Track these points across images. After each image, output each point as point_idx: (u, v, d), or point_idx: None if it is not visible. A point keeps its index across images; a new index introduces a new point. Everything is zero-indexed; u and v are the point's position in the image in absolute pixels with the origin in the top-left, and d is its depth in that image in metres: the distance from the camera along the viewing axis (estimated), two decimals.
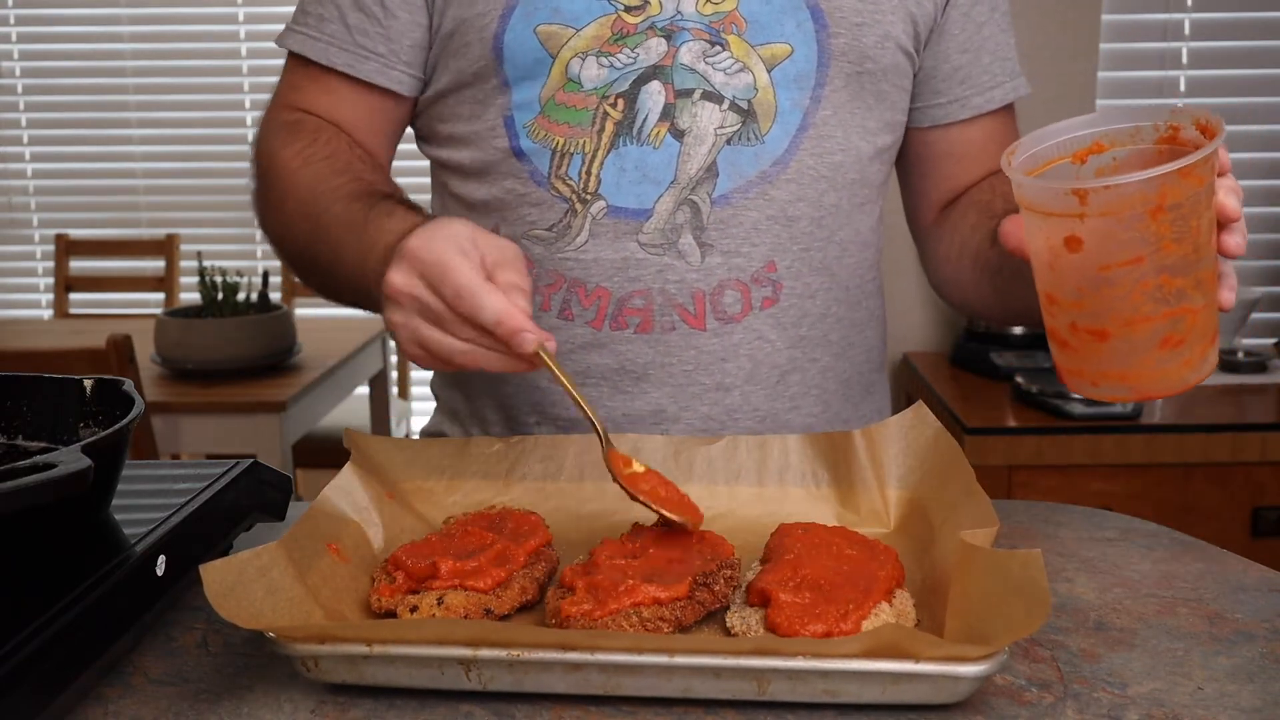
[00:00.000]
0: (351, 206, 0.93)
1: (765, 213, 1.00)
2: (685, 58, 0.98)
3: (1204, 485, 2.26)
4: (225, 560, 0.65)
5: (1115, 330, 0.73)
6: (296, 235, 0.99)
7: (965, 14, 1.06)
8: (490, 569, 0.75)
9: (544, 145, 0.99)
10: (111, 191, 3.48)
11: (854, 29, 0.99)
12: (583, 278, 1.00)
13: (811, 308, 1.04)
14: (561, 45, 0.97)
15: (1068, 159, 0.78)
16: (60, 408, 0.82)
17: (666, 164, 0.98)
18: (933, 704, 0.64)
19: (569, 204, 0.99)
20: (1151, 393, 0.76)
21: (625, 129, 0.98)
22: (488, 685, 0.64)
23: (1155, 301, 0.72)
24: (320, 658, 0.64)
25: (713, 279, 0.99)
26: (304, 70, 1.06)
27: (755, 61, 0.98)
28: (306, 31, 1.05)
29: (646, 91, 0.98)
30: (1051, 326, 0.78)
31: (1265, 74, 2.84)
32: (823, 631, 0.67)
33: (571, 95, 0.98)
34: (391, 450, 0.92)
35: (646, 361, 1.01)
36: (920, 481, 0.86)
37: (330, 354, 2.68)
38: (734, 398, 1.02)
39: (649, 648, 0.63)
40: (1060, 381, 0.79)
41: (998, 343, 2.60)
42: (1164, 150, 0.76)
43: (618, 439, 0.91)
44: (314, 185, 0.97)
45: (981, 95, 1.09)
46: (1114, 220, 0.70)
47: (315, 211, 0.96)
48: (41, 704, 0.60)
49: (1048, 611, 0.60)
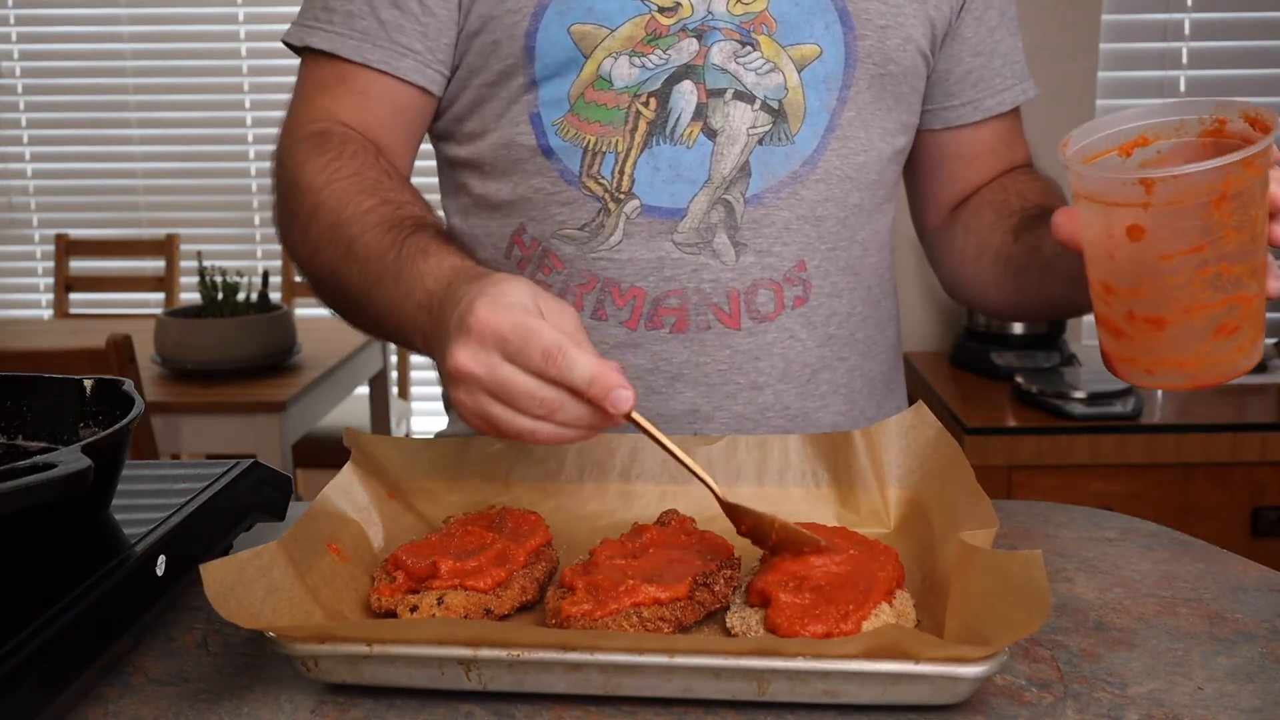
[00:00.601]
0: (383, 239, 0.88)
1: (796, 212, 1.00)
2: (716, 58, 0.98)
3: (1204, 485, 2.26)
4: (225, 560, 0.65)
5: (1174, 318, 0.74)
6: (324, 260, 0.94)
7: (978, 18, 1.07)
8: (490, 569, 0.75)
9: (574, 144, 0.99)
10: (111, 191, 3.48)
11: (879, 31, 1.00)
12: (617, 277, 1.00)
13: (839, 306, 1.04)
14: (595, 45, 0.97)
15: (1114, 151, 0.79)
16: (60, 408, 0.82)
17: (700, 163, 0.98)
18: (933, 704, 0.64)
19: (601, 203, 0.99)
20: (1205, 380, 0.77)
21: (658, 128, 0.98)
22: (488, 685, 0.64)
23: (1214, 289, 0.73)
24: (320, 657, 0.64)
25: (747, 278, 1.00)
26: (331, 69, 1.01)
27: (785, 62, 0.99)
28: (334, 29, 1.00)
29: (679, 91, 0.98)
30: (1106, 315, 0.78)
31: (1265, 74, 2.84)
32: (823, 632, 0.67)
33: (602, 94, 0.98)
34: (391, 450, 0.91)
35: (681, 361, 1.01)
36: (920, 481, 0.87)
37: (330, 354, 2.68)
38: (766, 396, 1.02)
39: (649, 648, 0.63)
40: (1111, 370, 0.79)
41: (998, 343, 2.60)
42: (1208, 143, 0.77)
43: (631, 439, 0.91)
44: (341, 207, 0.92)
45: (993, 98, 1.10)
46: (1178, 209, 0.71)
47: (344, 238, 0.91)
48: (41, 704, 0.60)
49: (1047, 612, 0.60)
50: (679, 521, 0.83)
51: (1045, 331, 2.59)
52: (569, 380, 0.70)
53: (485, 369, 0.71)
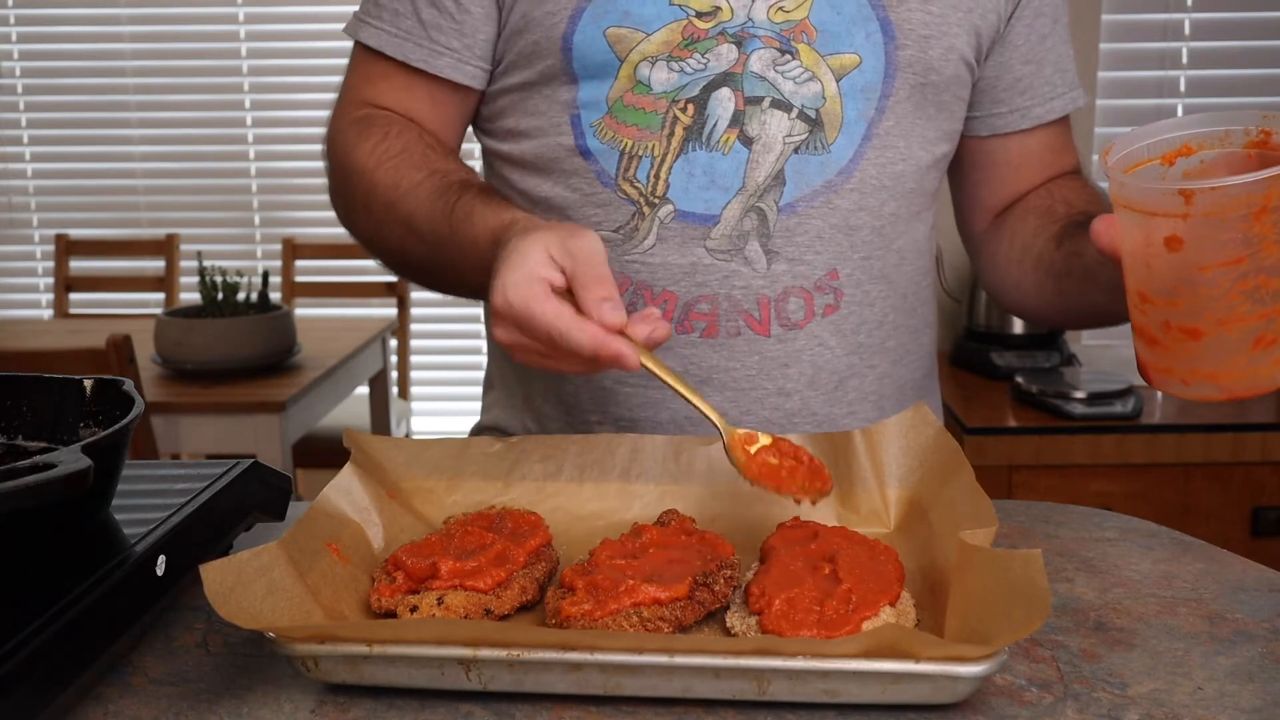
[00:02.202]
0: (435, 208, 0.95)
1: (829, 221, 1.00)
2: (755, 65, 0.98)
3: (1204, 485, 2.26)
4: (225, 560, 0.65)
5: (1209, 329, 0.74)
6: (387, 235, 1.02)
7: (1029, 26, 1.07)
8: (490, 569, 0.75)
9: (612, 146, 0.99)
10: (111, 191, 3.48)
11: (921, 41, 0.99)
12: (649, 280, 1.00)
13: (870, 315, 1.04)
14: (631, 49, 0.97)
15: (1157, 160, 0.79)
16: (60, 408, 0.82)
17: (735, 170, 0.98)
18: (933, 704, 0.64)
19: (636, 206, 1.00)
20: (1241, 392, 0.76)
21: (695, 134, 0.98)
22: (488, 685, 0.64)
23: (1252, 302, 0.72)
24: (320, 658, 0.64)
25: (778, 286, 1.00)
26: (376, 64, 1.06)
27: (824, 71, 0.98)
28: (381, 26, 1.04)
29: (716, 98, 0.98)
30: (1141, 325, 0.78)
31: (1265, 74, 2.84)
32: (824, 634, 0.67)
33: (641, 98, 0.98)
34: (391, 450, 0.91)
35: (711, 365, 1.01)
36: (920, 481, 0.86)
37: (330, 354, 2.68)
38: (794, 403, 1.03)
39: (650, 648, 0.63)
40: (1145, 379, 0.79)
41: (998, 343, 2.60)
42: (1253, 155, 0.76)
43: (631, 439, 0.92)
44: (394, 185, 0.98)
45: (1043, 106, 1.10)
46: (1217, 221, 0.71)
47: (402, 214, 0.98)
48: (41, 704, 0.60)
49: (1047, 611, 0.60)
50: (679, 522, 0.83)
51: (1045, 331, 2.60)
52: (579, 357, 0.78)
53: (516, 340, 0.81)
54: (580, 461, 0.92)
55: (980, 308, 2.65)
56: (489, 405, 1.18)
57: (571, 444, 0.92)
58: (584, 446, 0.92)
